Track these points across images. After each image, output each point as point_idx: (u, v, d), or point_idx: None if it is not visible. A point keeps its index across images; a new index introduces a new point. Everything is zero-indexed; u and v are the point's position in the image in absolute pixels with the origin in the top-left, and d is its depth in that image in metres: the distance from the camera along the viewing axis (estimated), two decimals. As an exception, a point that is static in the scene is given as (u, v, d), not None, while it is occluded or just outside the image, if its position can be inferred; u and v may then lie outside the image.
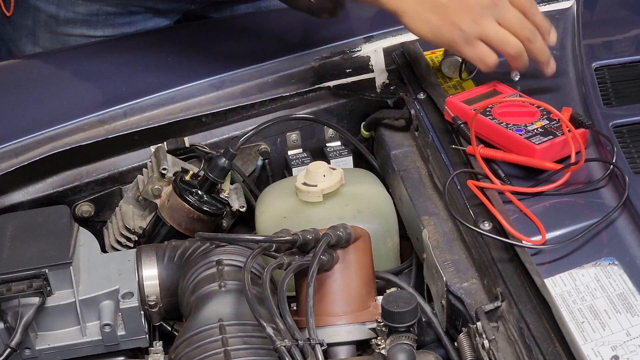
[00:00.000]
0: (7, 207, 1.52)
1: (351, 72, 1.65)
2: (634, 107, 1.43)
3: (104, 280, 1.34)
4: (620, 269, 1.18)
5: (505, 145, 1.37)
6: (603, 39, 1.63)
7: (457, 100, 1.44)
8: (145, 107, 1.58)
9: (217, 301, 1.28)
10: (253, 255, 1.23)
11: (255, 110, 1.64)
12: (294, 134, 1.65)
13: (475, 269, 1.29)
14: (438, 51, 1.61)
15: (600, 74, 1.50)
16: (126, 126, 1.56)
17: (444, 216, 1.39)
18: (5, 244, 1.32)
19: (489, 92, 1.47)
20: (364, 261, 1.33)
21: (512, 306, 1.18)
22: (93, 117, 1.55)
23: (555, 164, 1.33)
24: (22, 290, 1.27)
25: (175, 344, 1.24)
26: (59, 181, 1.56)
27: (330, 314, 1.29)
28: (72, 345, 1.32)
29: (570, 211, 1.28)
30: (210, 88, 1.58)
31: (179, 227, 1.49)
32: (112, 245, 1.53)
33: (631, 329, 1.12)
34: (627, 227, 1.24)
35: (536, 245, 1.21)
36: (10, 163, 1.50)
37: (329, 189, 1.48)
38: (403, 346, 1.19)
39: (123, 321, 1.32)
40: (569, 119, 1.34)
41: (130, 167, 1.58)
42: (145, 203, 1.52)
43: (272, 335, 1.12)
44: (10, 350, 1.24)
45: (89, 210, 1.57)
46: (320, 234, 1.28)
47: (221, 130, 1.63)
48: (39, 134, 1.52)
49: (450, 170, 1.39)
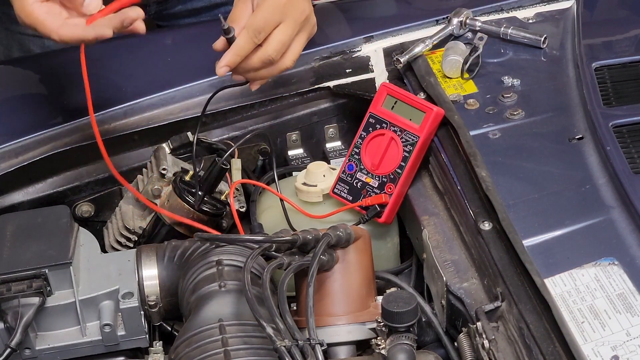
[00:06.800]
0: (7, 207, 1.52)
1: (351, 72, 1.65)
2: (634, 107, 1.43)
3: (104, 280, 1.34)
4: (620, 269, 1.18)
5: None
6: (603, 39, 1.63)
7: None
8: (145, 107, 1.58)
9: (217, 301, 1.28)
10: (253, 256, 1.23)
11: (255, 110, 1.64)
12: (294, 134, 1.65)
13: (475, 269, 1.29)
14: (438, 51, 1.61)
15: (600, 74, 1.50)
16: (126, 126, 1.56)
17: (444, 216, 1.39)
18: (5, 244, 1.32)
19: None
20: (364, 261, 1.33)
21: (512, 306, 1.18)
22: (93, 117, 1.56)
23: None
24: (22, 290, 1.27)
25: (175, 344, 1.24)
26: (59, 181, 1.56)
27: (330, 314, 1.29)
28: (72, 345, 1.32)
29: (570, 211, 1.28)
30: (210, 88, 1.58)
31: (179, 227, 1.49)
32: (112, 245, 1.53)
33: (631, 329, 1.12)
34: (627, 227, 1.23)
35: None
36: (10, 163, 1.50)
37: (329, 189, 1.48)
38: (403, 346, 1.19)
39: (123, 321, 1.32)
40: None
41: (130, 167, 1.58)
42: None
43: (272, 335, 1.12)
44: (10, 350, 1.24)
45: (89, 210, 1.57)
46: (320, 234, 1.28)
47: (221, 130, 1.63)
48: (39, 134, 1.52)
49: (450, 170, 1.39)
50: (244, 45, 1.41)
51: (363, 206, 1.45)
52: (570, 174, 1.34)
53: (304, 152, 1.66)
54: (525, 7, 1.69)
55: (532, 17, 1.67)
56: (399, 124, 1.45)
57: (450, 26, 1.63)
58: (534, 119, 1.45)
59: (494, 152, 1.39)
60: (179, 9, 1.89)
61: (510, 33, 1.60)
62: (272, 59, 1.43)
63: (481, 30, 1.62)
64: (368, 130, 1.47)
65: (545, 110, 1.46)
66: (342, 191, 1.47)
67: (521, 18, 1.67)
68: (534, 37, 1.59)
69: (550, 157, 1.38)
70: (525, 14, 1.68)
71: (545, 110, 1.46)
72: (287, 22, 1.43)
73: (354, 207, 1.45)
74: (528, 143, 1.41)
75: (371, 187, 1.45)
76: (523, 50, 1.59)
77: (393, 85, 1.50)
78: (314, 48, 1.63)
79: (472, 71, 1.55)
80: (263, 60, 1.43)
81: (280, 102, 1.64)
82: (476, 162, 1.34)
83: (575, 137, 1.40)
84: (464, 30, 1.63)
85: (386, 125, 1.45)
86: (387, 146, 1.45)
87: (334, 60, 1.65)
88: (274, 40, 1.43)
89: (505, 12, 1.69)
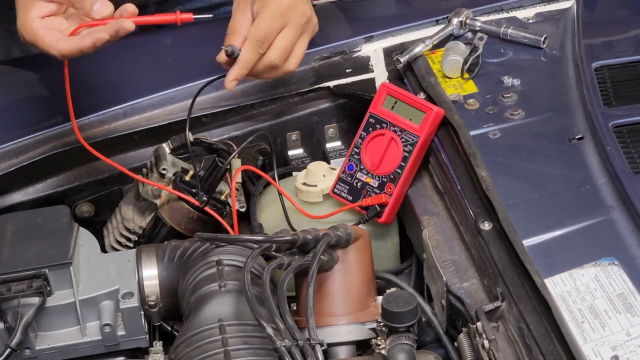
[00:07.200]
0: (7, 207, 1.52)
1: (351, 72, 1.65)
2: (634, 107, 1.43)
3: (104, 280, 1.34)
4: (620, 269, 1.18)
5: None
6: (603, 39, 1.63)
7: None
8: (145, 107, 1.58)
9: (217, 301, 1.27)
10: (253, 256, 1.23)
11: (255, 110, 1.64)
12: (294, 134, 1.65)
13: (475, 269, 1.29)
14: (438, 51, 1.61)
15: (600, 74, 1.50)
16: (126, 126, 1.56)
17: (444, 216, 1.39)
18: (5, 244, 1.32)
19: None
20: (364, 261, 1.33)
21: (512, 306, 1.18)
22: (93, 117, 1.55)
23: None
24: (22, 290, 1.27)
25: (175, 344, 1.24)
26: (59, 181, 1.56)
27: (330, 314, 1.29)
28: (72, 345, 1.32)
29: (570, 211, 1.28)
30: (210, 88, 1.58)
31: (179, 227, 1.49)
32: (112, 245, 1.53)
33: (631, 329, 1.12)
34: (627, 227, 1.23)
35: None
36: (10, 163, 1.50)
37: (329, 189, 1.48)
38: (403, 346, 1.19)
39: (123, 321, 1.32)
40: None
41: (130, 167, 1.58)
42: (145, 203, 1.51)
43: (272, 335, 1.12)
44: (10, 350, 1.24)
45: (89, 210, 1.58)
46: (320, 234, 1.28)
47: (221, 130, 1.63)
48: (39, 134, 1.52)
49: (450, 170, 1.39)
50: (249, 57, 1.41)
51: (363, 206, 1.45)
52: (570, 174, 1.34)
53: (304, 152, 1.66)
54: (525, 7, 1.69)
55: (532, 17, 1.67)
56: (399, 124, 1.45)
57: (450, 26, 1.63)
58: (534, 119, 1.45)
59: (494, 152, 1.39)
60: (178, 9, 1.89)
61: (510, 33, 1.60)
62: (276, 65, 1.44)
63: (481, 30, 1.62)
64: (368, 130, 1.47)
65: (545, 110, 1.46)
66: (342, 191, 1.47)
67: (521, 18, 1.67)
68: (534, 37, 1.59)
69: (550, 157, 1.38)
70: (525, 14, 1.68)
71: (545, 110, 1.46)
72: (289, 28, 1.43)
73: (354, 207, 1.45)
74: (528, 143, 1.41)
75: (371, 187, 1.45)
76: (523, 50, 1.59)
77: (393, 85, 1.50)
78: (314, 48, 1.63)
79: (472, 71, 1.55)
80: (266, 66, 1.43)
81: (280, 102, 1.64)
82: (476, 162, 1.34)
83: (575, 137, 1.40)
84: (464, 30, 1.63)
85: (386, 125, 1.45)
86: (387, 146, 1.45)
87: (334, 60, 1.65)
88: (276, 47, 1.43)
89: (505, 12, 1.69)
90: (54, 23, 1.33)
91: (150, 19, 1.37)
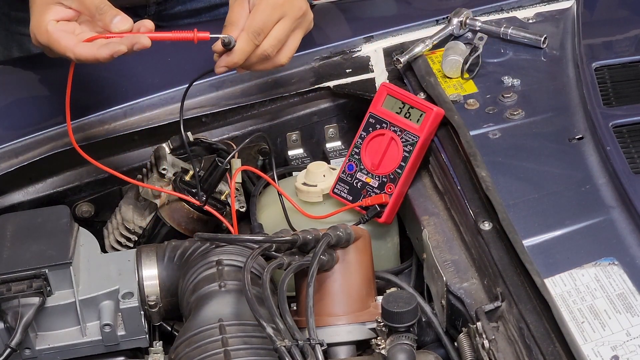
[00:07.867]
0: (7, 207, 1.52)
1: (351, 72, 1.65)
2: (634, 107, 1.43)
3: (104, 280, 1.34)
4: (620, 269, 1.18)
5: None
6: (603, 39, 1.63)
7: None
8: (145, 107, 1.58)
9: (217, 301, 1.28)
10: (253, 256, 1.23)
11: (255, 110, 1.64)
12: (294, 134, 1.65)
13: (475, 269, 1.29)
14: (438, 51, 1.61)
15: (600, 74, 1.50)
16: (126, 126, 1.56)
17: (444, 216, 1.39)
18: (5, 244, 1.32)
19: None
20: (364, 261, 1.33)
21: (512, 306, 1.18)
22: (93, 117, 1.55)
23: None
24: (22, 290, 1.27)
25: (175, 344, 1.24)
26: (59, 181, 1.56)
27: (330, 314, 1.29)
28: (72, 345, 1.32)
29: (570, 211, 1.28)
30: (210, 88, 1.58)
31: (179, 227, 1.49)
32: (112, 245, 1.53)
33: (631, 329, 1.12)
34: (627, 227, 1.24)
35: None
36: (10, 163, 1.50)
37: (329, 189, 1.48)
38: (403, 346, 1.19)
39: (123, 321, 1.32)
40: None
41: (130, 167, 1.58)
42: (145, 203, 1.52)
43: (272, 335, 1.12)
44: (10, 350, 1.24)
45: (89, 210, 1.58)
46: (320, 234, 1.28)
47: (221, 130, 1.63)
48: (39, 134, 1.52)
49: (450, 170, 1.39)
50: (245, 48, 1.41)
51: (363, 206, 1.45)
52: (570, 174, 1.34)
53: (304, 152, 1.66)
54: (525, 7, 1.69)
55: (532, 17, 1.68)
56: (399, 124, 1.45)
57: (450, 26, 1.63)
58: (534, 119, 1.45)
59: (494, 152, 1.39)
60: (179, 9, 1.89)
61: (510, 33, 1.60)
62: (268, 55, 1.44)
63: (481, 30, 1.62)
64: (368, 130, 1.47)
65: (545, 110, 1.46)
66: (342, 191, 1.47)
67: (521, 18, 1.67)
68: (534, 37, 1.59)
69: (550, 157, 1.38)
70: (525, 14, 1.68)
71: (545, 110, 1.46)
72: (285, 20, 1.43)
73: (354, 207, 1.45)
74: (528, 143, 1.41)
75: (371, 187, 1.45)
76: (523, 50, 1.59)
77: (393, 85, 1.50)
78: (314, 48, 1.63)
79: (472, 71, 1.55)
80: (259, 56, 1.44)
81: (280, 102, 1.64)
82: (476, 162, 1.34)
83: (575, 137, 1.40)
84: (464, 30, 1.63)
85: (386, 125, 1.45)
86: (387, 146, 1.45)
87: (334, 60, 1.65)
88: (271, 37, 1.43)
89: (505, 12, 1.69)
90: (69, 27, 1.34)
91: (167, 35, 1.37)
